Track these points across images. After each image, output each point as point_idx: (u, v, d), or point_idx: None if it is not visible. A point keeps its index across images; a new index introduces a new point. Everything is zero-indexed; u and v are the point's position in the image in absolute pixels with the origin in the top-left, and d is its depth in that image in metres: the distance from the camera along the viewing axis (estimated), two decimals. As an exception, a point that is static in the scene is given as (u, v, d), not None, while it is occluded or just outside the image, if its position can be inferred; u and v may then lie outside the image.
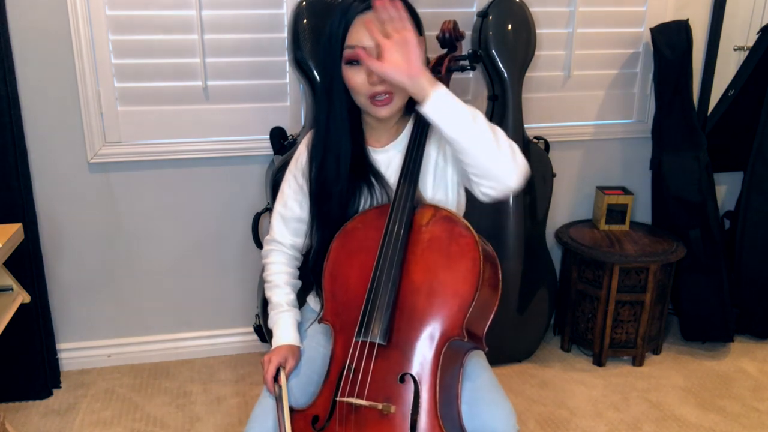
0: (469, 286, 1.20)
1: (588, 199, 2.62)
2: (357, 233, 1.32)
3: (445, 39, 1.50)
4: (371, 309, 1.22)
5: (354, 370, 1.22)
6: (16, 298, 1.78)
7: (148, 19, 2.09)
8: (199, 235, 2.36)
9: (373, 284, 1.24)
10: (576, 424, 2.11)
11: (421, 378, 1.19)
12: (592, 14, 2.38)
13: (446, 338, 1.20)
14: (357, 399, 1.19)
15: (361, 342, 1.22)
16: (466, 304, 1.20)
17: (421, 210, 1.29)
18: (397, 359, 1.21)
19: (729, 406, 2.20)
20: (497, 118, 2.25)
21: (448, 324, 1.20)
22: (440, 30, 1.50)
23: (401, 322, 1.22)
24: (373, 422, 1.19)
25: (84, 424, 2.09)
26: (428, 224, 1.26)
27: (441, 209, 1.28)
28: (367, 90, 1.26)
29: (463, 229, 1.24)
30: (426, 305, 1.22)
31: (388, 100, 1.27)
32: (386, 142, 1.38)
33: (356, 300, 1.26)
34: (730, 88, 2.46)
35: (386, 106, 1.28)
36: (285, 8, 2.16)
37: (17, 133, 2.05)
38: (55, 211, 2.22)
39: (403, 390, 1.19)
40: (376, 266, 1.24)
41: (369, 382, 1.20)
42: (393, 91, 1.26)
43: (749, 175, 2.45)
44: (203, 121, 2.22)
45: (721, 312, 2.46)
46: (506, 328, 2.36)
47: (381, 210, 1.31)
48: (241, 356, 2.48)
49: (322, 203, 1.37)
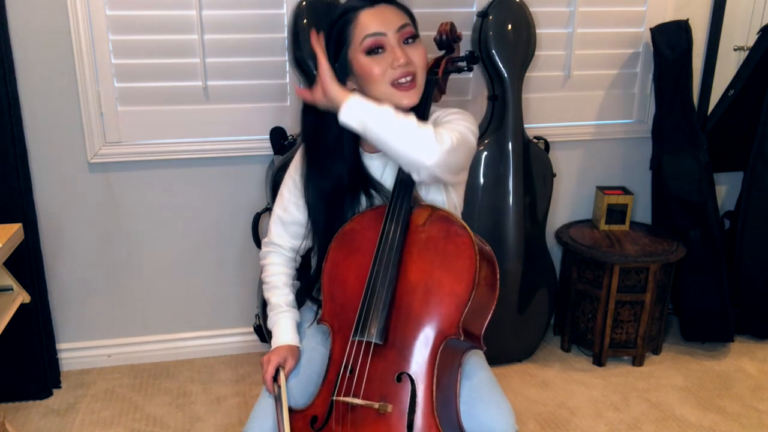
0: (465, 285, 1.20)
1: (588, 199, 2.62)
2: (354, 234, 1.32)
3: (442, 41, 1.50)
4: (368, 309, 1.23)
5: (351, 370, 1.22)
6: (16, 298, 1.78)
7: (148, 19, 2.09)
8: (199, 235, 2.36)
9: (369, 284, 1.24)
10: (576, 424, 2.11)
11: (418, 377, 1.19)
12: (592, 14, 2.38)
13: (443, 337, 1.20)
14: (354, 398, 1.20)
15: (358, 341, 1.23)
16: (462, 303, 1.20)
17: (417, 210, 1.29)
18: (393, 359, 1.21)
19: (729, 406, 2.20)
20: (497, 118, 2.25)
21: (445, 323, 1.20)
22: (437, 32, 1.50)
23: (398, 322, 1.22)
24: (370, 421, 1.19)
25: (84, 424, 2.09)
26: (425, 224, 1.27)
27: (438, 209, 1.28)
28: (390, 75, 1.27)
29: (459, 229, 1.24)
30: (422, 304, 1.22)
31: (413, 84, 1.28)
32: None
33: (354, 301, 1.26)
34: (730, 88, 2.46)
35: (412, 91, 1.28)
36: (285, 8, 2.16)
37: (17, 133, 2.05)
38: (55, 211, 2.23)
39: (400, 389, 1.19)
40: (373, 266, 1.25)
41: (366, 382, 1.21)
42: (417, 73, 1.28)
43: (749, 175, 2.45)
44: (203, 121, 2.22)
45: (721, 312, 2.46)
46: (506, 328, 2.36)
47: (378, 211, 1.32)
48: (241, 356, 2.48)
49: (319, 209, 1.38)
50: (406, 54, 1.26)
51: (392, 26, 1.26)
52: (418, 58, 1.28)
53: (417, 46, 1.30)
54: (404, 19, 1.29)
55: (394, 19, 1.27)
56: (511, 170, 2.24)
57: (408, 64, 1.26)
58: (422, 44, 1.31)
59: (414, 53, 1.28)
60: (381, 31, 1.26)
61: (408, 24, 1.29)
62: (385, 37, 1.26)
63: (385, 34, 1.26)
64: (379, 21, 1.26)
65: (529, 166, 2.29)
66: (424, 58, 1.30)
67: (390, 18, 1.27)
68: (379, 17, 1.26)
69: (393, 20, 1.27)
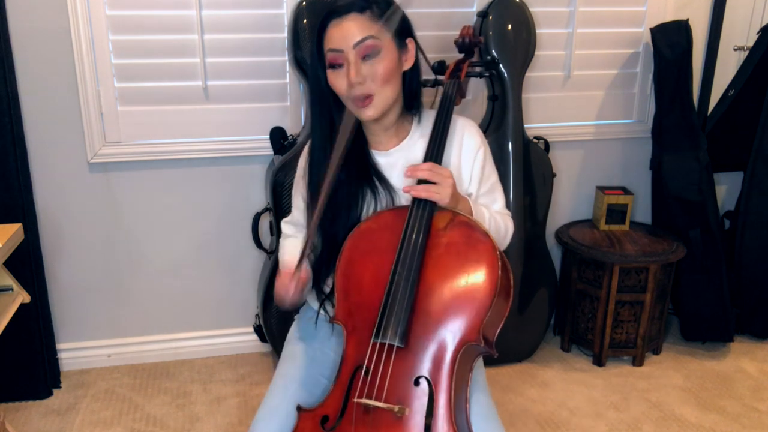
0: (488, 292, 1.20)
1: (588, 199, 2.62)
2: (372, 234, 1.31)
3: (465, 44, 1.50)
4: (389, 311, 1.22)
5: (366, 371, 1.22)
6: (16, 298, 1.78)
7: (148, 19, 2.09)
8: (199, 235, 2.36)
9: (391, 286, 1.23)
10: (576, 424, 2.11)
11: (436, 381, 1.19)
12: (592, 14, 2.38)
13: (463, 343, 1.20)
14: (373, 401, 1.19)
15: (379, 344, 1.22)
16: (484, 309, 1.20)
17: (439, 214, 1.29)
18: (412, 362, 1.21)
19: (729, 406, 2.20)
20: (497, 118, 2.25)
21: (466, 329, 1.20)
22: (459, 35, 1.50)
23: (418, 326, 1.22)
24: (387, 424, 1.18)
25: (84, 424, 2.09)
26: (446, 228, 1.26)
27: (459, 214, 1.28)
28: (348, 93, 1.26)
29: (481, 235, 1.24)
30: (443, 309, 1.22)
31: (369, 101, 1.27)
32: (390, 146, 1.38)
33: (370, 301, 1.25)
34: (730, 88, 2.46)
35: (369, 107, 1.27)
36: (285, 8, 2.16)
37: (17, 133, 2.05)
38: (55, 211, 2.23)
39: (418, 393, 1.19)
40: (395, 268, 1.24)
41: (385, 385, 1.20)
42: (373, 93, 1.26)
43: (749, 175, 2.45)
44: (203, 121, 2.22)
45: (721, 312, 2.46)
46: (506, 328, 2.33)
47: (397, 212, 1.31)
48: (241, 356, 2.48)
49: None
50: (359, 73, 1.23)
51: (350, 42, 1.23)
52: (378, 73, 1.25)
53: (378, 61, 1.25)
54: (368, 32, 1.23)
55: (354, 33, 1.23)
56: (511, 170, 2.24)
57: (359, 85, 1.24)
58: (389, 55, 1.26)
59: (373, 69, 1.24)
60: (338, 48, 1.24)
61: (369, 37, 1.23)
62: (341, 53, 1.24)
63: (341, 50, 1.24)
64: (339, 36, 1.24)
65: (529, 166, 2.29)
66: (385, 71, 1.25)
67: (351, 32, 1.23)
68: (340, 32, 1.23)
69: (353, 34, 1.23)
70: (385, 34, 1.25)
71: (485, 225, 1.31)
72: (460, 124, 1.39)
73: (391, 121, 1.35)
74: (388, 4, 1.28)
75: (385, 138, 1.38)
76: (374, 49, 1.24)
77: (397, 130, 1.38)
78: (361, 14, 1.24)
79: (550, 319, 2.50)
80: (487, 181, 1.42)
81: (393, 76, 1.27)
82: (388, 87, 1.27)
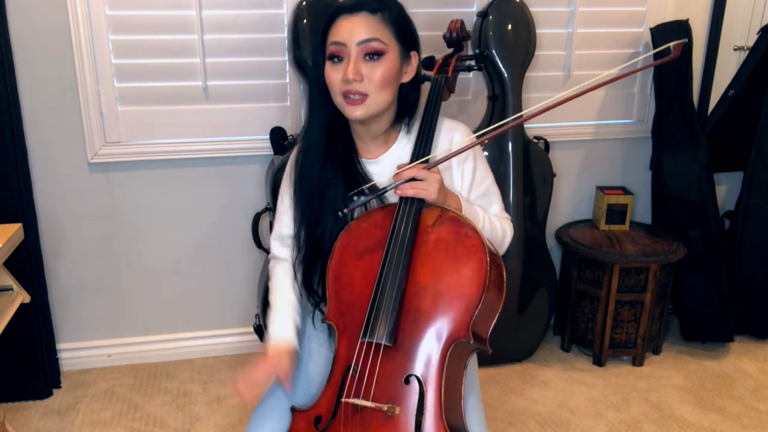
0: (476, 288, 1.20)
1: (588, 199, 2.62)
2: (362, 233, 1.31)
3: (453, 38, 1.49)
4: (377, 310, 1.22)
5: (359, 371, 1.22)
6: (16, 298, 1.78)
7: (148, 19, 2.09)
8: (199, 235, 2.36)
9: (378, 285, 1.23)
10: (576, 424, 2.11)
11: (426, 379, 1.19)
12: (592, 14, 2.38)
13: (452, 340, 1.19)
14: (362, 400, 1.19)
15: (367, 343, 1.22)
16: (472, 305, 1.19)
17: (427, 210, 1.28)
18: (402, 360, 1.20)
19: (729, 406, 2.20)
20: (497, 118, 2.25)
21: (455, 325, 1.20)
22: (447, 29, 1.49)
23: (407, 324, 1.22)
24: (378, 423, 1.18)
25: (84, 424, 2.09)
26: (434, 225, 1.26)
27: (447, 210, 1.27)
28: (341, 87, 1.26)
29: (470, 231, 1.24)
30: (432, 306, 1.21)
31: (360, 101, 1.26)
32: (378, 154, 1.38)
33: (361, 300, 1.25)
34: (730, 88, 2.46)
35: (359, 106, 1.26)
36: (285, 8, 2.16)
37: (17, 133, 2.05)
38: (55, 211, 2.23)
39: (408, 391, 1.19)
40: (382, 267, 1.24)
41: (374, 384, 1.20)
42: (368, 93, 1.26)
43: (749, 175, 2.45)
44: (203, 121, 2.22)
45: (721, 312, 2.46)
46: (506, 328, 2.36)
47: (386, 210, 1.31)
48: (241, 356, 2.48)
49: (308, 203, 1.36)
50: (356, 71, 1.23)
51: (355, 38, 1.23)
52: (377, 76, 1.25)
53: (379, 64, 1.25)
54: (375, 33, 1.24)
55: (362, 30, 1.23)
56: (511, 170, 2.24)
57: (355, 82, 1.24)
58: (391, 62, 1.26)
59: (372, 71, 1.24)
60: (342, 41, 1.24)
61: (375, 39, 1.23)
62: (344, 47, 1.24)
63: (345, 45, 1.24)
64: (346, 30, 1.24)
65: (529, 166, 2.29)
66: (384, 76, 1.25)
67: (358, 29, 1.23)
68: (348, 26, 1.24)
69: (360, 32, 1.23)
70: (391, 40, 1.26)
71: (478, 223, 1.30)
72: (449, 125, 1.39)
73: (380, 129, 1.35)
74: (400, 11, 1.29)
75: (373, 146, 1.37)
76: (378, 52, 1.24)
77: (386, 139, 1.38)
78: (372, 15, 1.25)
79: (550, 319, 2.50)
80: (480, 184, 1.41)
81: (390, 84, 1.27)
82: (384, 92, 1.27)
